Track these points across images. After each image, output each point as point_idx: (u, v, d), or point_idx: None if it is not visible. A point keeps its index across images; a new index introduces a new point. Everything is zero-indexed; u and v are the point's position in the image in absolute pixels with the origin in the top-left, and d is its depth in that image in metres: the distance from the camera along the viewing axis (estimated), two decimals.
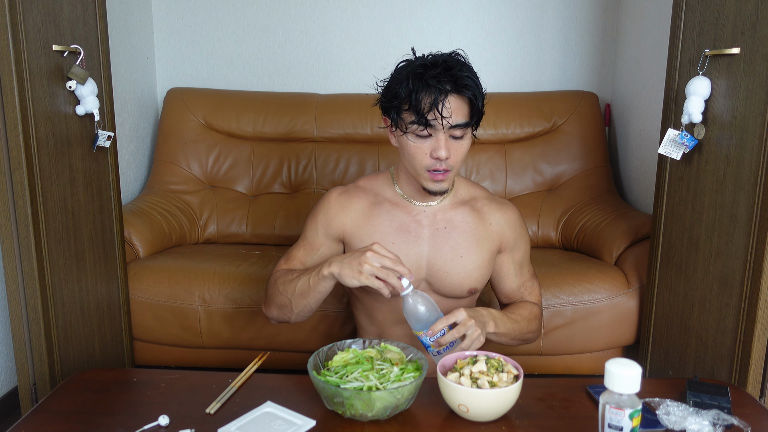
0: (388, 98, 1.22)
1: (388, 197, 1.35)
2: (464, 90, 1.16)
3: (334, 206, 1.35)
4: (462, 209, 1.35)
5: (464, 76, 1.17)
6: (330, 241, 1.36)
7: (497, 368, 1.01)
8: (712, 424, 0.95)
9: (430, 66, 1.18)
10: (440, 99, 1.15)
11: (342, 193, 1.36)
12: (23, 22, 1.44)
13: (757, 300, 1.40)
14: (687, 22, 1.60)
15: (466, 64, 1.21)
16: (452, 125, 1.17)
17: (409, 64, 1.22)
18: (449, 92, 1.16)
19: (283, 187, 2.64)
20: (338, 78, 2.85)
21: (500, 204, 1.39)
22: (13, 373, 1.94)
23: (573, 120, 2.59)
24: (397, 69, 1.23)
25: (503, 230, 1.36)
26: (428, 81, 1.15)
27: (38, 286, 1.54)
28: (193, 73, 2.87)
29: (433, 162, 1.20)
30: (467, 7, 2.77)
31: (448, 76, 1.16)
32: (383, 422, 1.00)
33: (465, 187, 1.38)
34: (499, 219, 1.36)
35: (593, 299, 1.98)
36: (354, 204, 1.35)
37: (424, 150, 1.20)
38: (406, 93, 1.17)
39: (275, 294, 1.31)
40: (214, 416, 1.02)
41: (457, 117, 1.17)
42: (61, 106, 1.60)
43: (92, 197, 1.76)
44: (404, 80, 1.18)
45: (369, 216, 1.33)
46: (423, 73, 1.16)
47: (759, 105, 1.38)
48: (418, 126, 1.17)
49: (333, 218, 1.35)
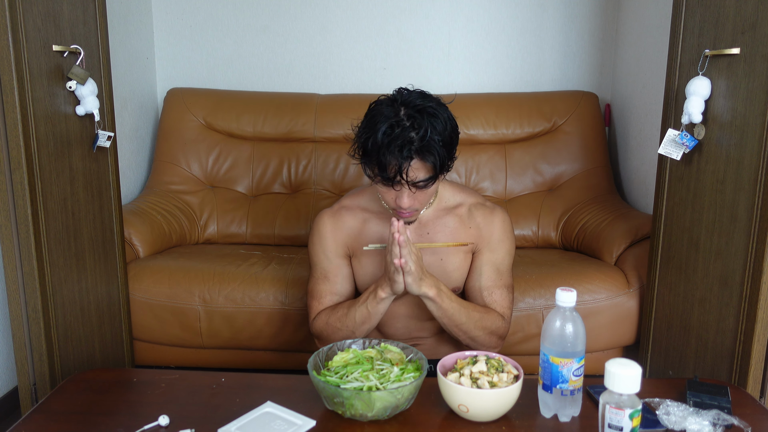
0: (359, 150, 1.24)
1: (376, 211, 1.40)
2: (428, 156, 1.18)
3: (330, 228, 1.40)
4: (446, 217, 1.39)
5: (429, 140, 1.18)
6: (343, 260, 1.41)
7: (497, 368, 1.01)
8: (712, 424, 0.95)
9: (397, 125, 1.18)
10: (404, 167, 1.18)
11: (332, 216, 1.41)
12: (23, 22, 1.44)
13: (757, 300, 1.40)
14: (687, 22, 1.60)
15: (438, 118, 1.20)
16: (414, 183, 1.21)
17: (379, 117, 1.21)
18: (412, 158, 1.18)
19: (283, 187, 2.64)
20: (338, 78, 2.85)
21: (486, 209, 1.41)
22: (13, 373, 1.94)
23: (573, 120, 2.59)
24: (369, 116, 1.24)
25: (481, 232, 1.38)
26: (393, 149, 1.17)
27: (38, 286, 1.54)
28: (193, 73, 2.87)
29: (398, 206, 1.25)
30: (467, 7, 2.76)
31: (414, 139, 1.17)
32: (383, 422, 1.00)
33: (451, 194, 1.41)
34: (480, 222, 1.38)
35: (593, 299, 1.98)
36: (346, 223, 1.40)
37: (391, 195, 1.25)
38: (373, 152, 1.19)
39: (333, 333, 1.35)
40: (214, 416, 1.02)
41: (420, 175, 1.21)
42: (61, 106, 1.60)
43: (92, 197, 1.76)
44: (372, 136, 1.19)
45: (361, 233, 1.39)
46: (390, 135, 1.17)
47: (759, 105, 1.38)
48: (383, 181, 1.22)
49: (334, 238, 1.40)
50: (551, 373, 0.99)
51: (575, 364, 0.99)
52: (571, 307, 0.99)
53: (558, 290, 0.99)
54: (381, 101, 1.25)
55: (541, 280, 2.02)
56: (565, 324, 0.98)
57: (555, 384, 0.99)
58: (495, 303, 1.37)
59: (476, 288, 1.38)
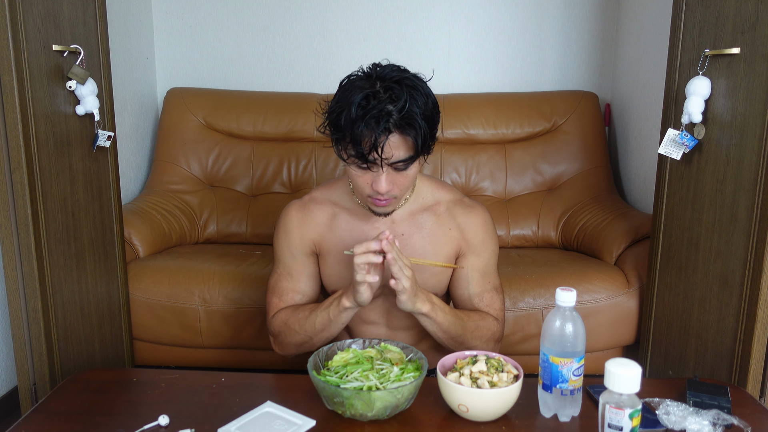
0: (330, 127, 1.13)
1: (347, 207, 1.29)
2: (407, 129, 1.07)
3: (297, 223, 1.30)
4: (422, 215, 1.28)
5: (409, 111, 1.06)
6: (308, 257, 1.32)
7: (497, 368, 1.01)
8: (712, 424, 0.95)
9: (372, 96, 1.07)
10: (380, 141, 1.06)
11: (300, 209, 1.31)
12: (23, 22, 1.44)
13: (757, 300, 1.40)
14: (687, 22, 1.60)
15: (418, 90, 1.09)
16: (393, 162, 1.10)
17: (353, 89, 1.10)
18: (390, 132, 1.06)
19: (283, 187, 2.64)
20: (338, 78, 2.77)
21: (466, 207, 1.30)
22: (13, 373, 1.94)
23: (573, 120, 2.59)
24: (342, 91, 1.12)
25: (464, 234, 1.28)
26: (369, 120, 1.05)
27: (38, 286, 1.54)
28: (193, 73, 2.87)
29: (374, 192, 1.14)
30: (467, 7, 2.77)
31: (392, 111, 1.06)
32: (383, 422, 1.00)
33: (429, 191, 1.31)
34: (462, 222, 1.28)
35: (593, 299, 1.98)
36: (315, 218, 1.30)
37: (366, 180, 1.13)
38: (346, 127, 1.08)
39: (290, 334, 1.27)
40: (214, 416, 1.02)
41: (399, 153, 1.09)
42: (61, 106, 1.60)
43: (92, 197, 1.76)
44: (345, 110, 1.08)
45: (329, 228, 1.29)
46: (365, 107, 1.06)
47: (759, 105, 1.38)
48: (358, 160, 1.10)
49: (301, 235, 1.30)
50: (551, 373, 0.99)
51: (575, 364, 0.99)
52: (571, 306, 0.99)
53: (558, 290, 0.98)
54: (354, 75, 1.13)
55: (541, 280, 2.02)
56: (565, 324, 0.98)
57: (555, 384, 0.99)
58: (487, 306, 1.30)
59: (465, 296, 1.30)
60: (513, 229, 2.50)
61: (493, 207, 2.53)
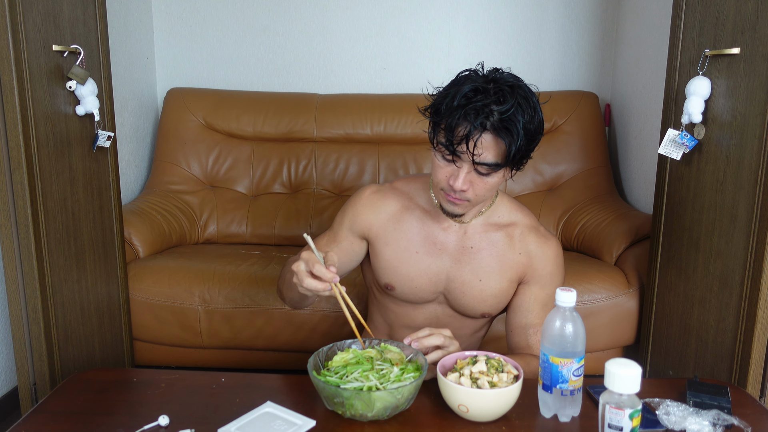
0: (432, 110, 1.12)
1: (421, 204, 1.28)
2: (503, 132, 1.05)
3: (365, 203, 1.30)
4: (495, 233, 1.26)
5: (512, 117, 1.04)
6: (353, 236, 1.31)
7: (497, 368, 1.01)
8: (712, 424, 0.95)
9: (481, 91, 1.06)
10: (474, 135, 1.04)
11: (375, 192, 1.31)
12: (23, 22, 1.44)
13: (757, 300, 1.40)
14: (687, 22, 1.60)
15: (528, 102, 1.08)
16: (479, 162, 1.08)
17: (465, 80, 1.09)
18: (486, 130, 1.05)
19: (283, 187, 2.64)
20: (338, 78, 2.85)
21: (540, 236, 1.28)
22: (13, 373, 1.94)
23: (573, 120, 2.59)
24: (454, 80, 1.12)
25: (533, 261, 1.26)
26: (469, 111, 1.04)
27: (38, 286, 1.54)
28: (193, 73, 2.87)
29: (449, 187, 1.12)
30: (467, 7, 2.77)
31: (495, 111, 1.04)
32: (383, 422, 1.00)
33: (506, 211, 1.28)
34: (533, 250, 1.26)
35: (593, 299, 1.98)
36: (385, 205, 1.29)
37: (446, 172, 1.12)
38: (445, 114, 1.07)
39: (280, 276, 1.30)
40: (214, 416, 1.02)
41: (488, 155, 1.07)
42: (61, 106, 1.60)
43: (92, 197, 1.76)
44: (449, 96, 1.07)
45: (398, 220, 1.28)
46: (471, 98, 1.05)
47: (759, 105, 1.38)
48: (445, 149, 1.09)
49: (361, 215, 1.30)
50: (551, 373, 0.99)
51: (575, 364, 0.99)
52: (571, 307, 0.98)
53: (558, 290, 0.98)
54: (472, 70, 1.11)
55: None
56: (565, 324, 0.98)
57: (555, 384, 0.99)
58: (537, 343, 1.26)
59: (522, 325, 1.27)
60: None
61: None
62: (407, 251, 1.26)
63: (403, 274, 1.28)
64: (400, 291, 1.30)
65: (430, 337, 1.10)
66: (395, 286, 1.30)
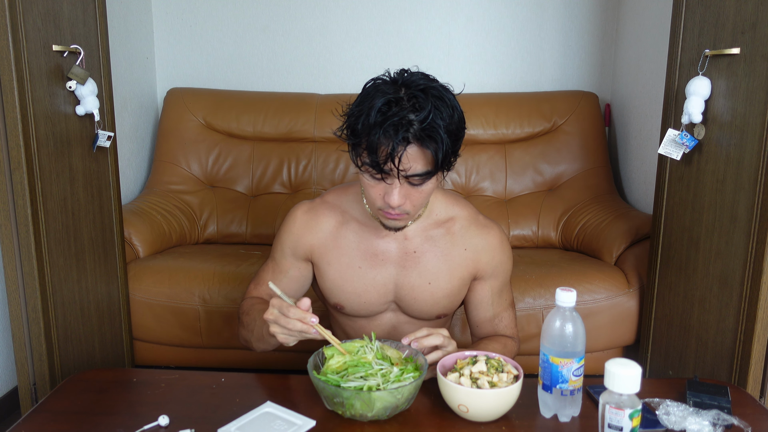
0: (348, 130, 1.06)
1: (356, 216, 1.23)
2: (427, 141, 1.00)
3: (301, 225, 1.26)
4: (435, 231, 1.22)
5: (432, 123, 1.00)
6: (298, 261, 1.28)
7: (497, 368, 1.01)
8: (712, 424, 0.95)
9: (395, 102, 1.00)
10: (398, 151, 0.99)
11: (307, 211, 1.27)
12: (23, 22, 1.44)
13: (757, 300, 1.40)
14: (687, 22, 1.60)
15: (444, 101, 1.03)
16: (409, 175, 1.03)
17: (375, 92, 1.03)
18: (410, 143, 1.00)
19: (283, 187, 2.64)
20: (338, 78, 2.85)
21: (481, 227, 1.24)
22: (13, 373, 1.94)
23: (573, 120, 2.59)
24: (363, 93, 1.06)
25: (480, 256, 1.23)
26: (388, 128, 0.99)
27: (38, 286, 1.54)
28: (193, 73, 2.87)
29: (386, 205, 1.07)
30: (467, 7, 2.77)
31: (414, 121, 0.99)
32: (383, 422, 1.00)
33: (443, 206, 1.24)
34: (477, 244, 1.23)
35: (593, 299, 1.98)
36: (321, 224, 1.25)
37: (378, 191, 1.07)
38: (363, 133, 1.02)
39: (241, 327, 1.27)
40: (214, 416, 1.02)
41: (417, 166, 1.02)
42: (61, 106, 1.60)
43: (92, 197, 1.76)
44: (364, 114, 1.02)
45: (336, 237, 1.23)
46: (386, 113, 1.00)
47: (759, 105, 1.38)
48: (373, 169, 1.03)
49: (300, 238, 1.25)
50: (551, 373, 0.99)
51: (575, 364, 0.99)
52: (571, 307, 0.99)
53: (558, 290, 0.98)
54: (379, 79, 1.06)
55: (541, 280, 2.02)
56: (565, 324, 0.98)
57: (555, 384, 0.99)
58: (506, 328, 1.29)
59: (487, 318, 1.29)
60: (513, 230, 2.50)
61: (493, 207, 2.53)
62: (350, 268, 1.22)
63: (350, 291, 1.24)
64: (351, 308, 1.27)
65: (429, 337, 1.09)
66: (344, 305, 1.27)
